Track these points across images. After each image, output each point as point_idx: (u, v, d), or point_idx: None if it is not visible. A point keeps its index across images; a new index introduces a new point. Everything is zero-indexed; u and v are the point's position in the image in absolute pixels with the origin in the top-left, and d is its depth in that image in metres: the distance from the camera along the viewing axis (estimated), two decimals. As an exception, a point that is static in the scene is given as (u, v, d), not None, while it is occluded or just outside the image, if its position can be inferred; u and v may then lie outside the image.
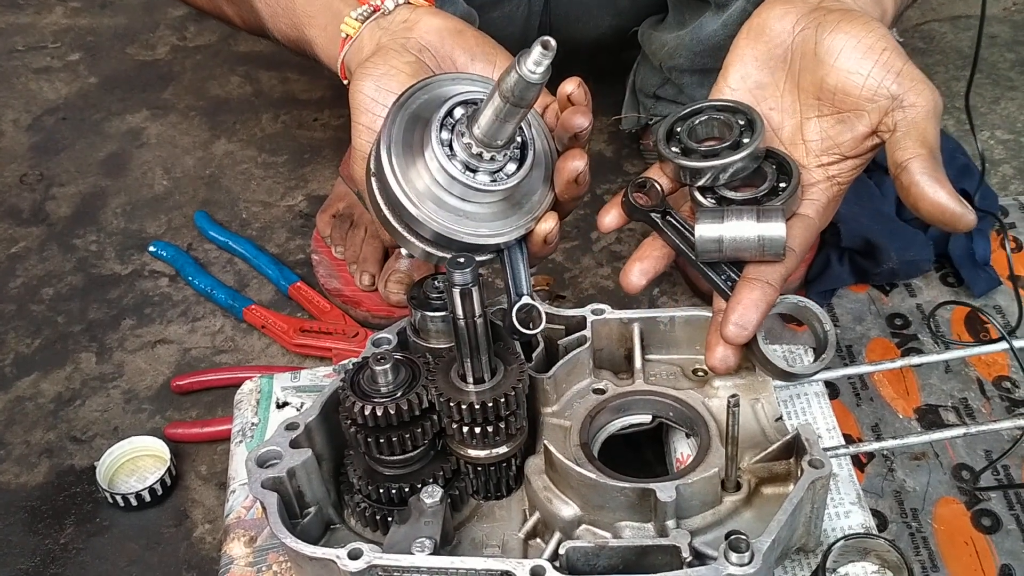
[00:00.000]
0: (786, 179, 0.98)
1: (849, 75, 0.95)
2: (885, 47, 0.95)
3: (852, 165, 0.99)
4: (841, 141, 0.98)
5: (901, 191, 0.93)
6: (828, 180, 1.00)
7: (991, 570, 1.17)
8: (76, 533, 1.30)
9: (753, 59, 1.02)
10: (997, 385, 1.37)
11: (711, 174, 0.98)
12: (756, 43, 1.02)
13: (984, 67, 1.98)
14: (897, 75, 0.94)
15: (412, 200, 0.93)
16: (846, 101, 0.97)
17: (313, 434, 0.99)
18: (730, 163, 0.97)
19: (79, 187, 1.89)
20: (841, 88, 0.96)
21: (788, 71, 1.00)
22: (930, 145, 0.92)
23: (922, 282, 1.53)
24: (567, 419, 1.04)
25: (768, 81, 1.02)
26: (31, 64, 2.24)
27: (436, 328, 1.02)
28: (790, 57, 1.00)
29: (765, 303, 0.94)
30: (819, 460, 0.93)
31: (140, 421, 1.44)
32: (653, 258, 1.02)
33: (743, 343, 0.94)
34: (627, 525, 0.94)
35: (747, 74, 1.02)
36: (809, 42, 0.98)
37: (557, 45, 0.82)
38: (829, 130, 0.99)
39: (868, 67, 0.95)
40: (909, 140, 0.93)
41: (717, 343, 0.95)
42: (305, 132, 1.98)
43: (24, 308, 1.64)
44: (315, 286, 1.61)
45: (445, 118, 0.94)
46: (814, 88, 0.98)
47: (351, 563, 0.88)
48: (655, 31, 1.57)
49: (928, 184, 0.91)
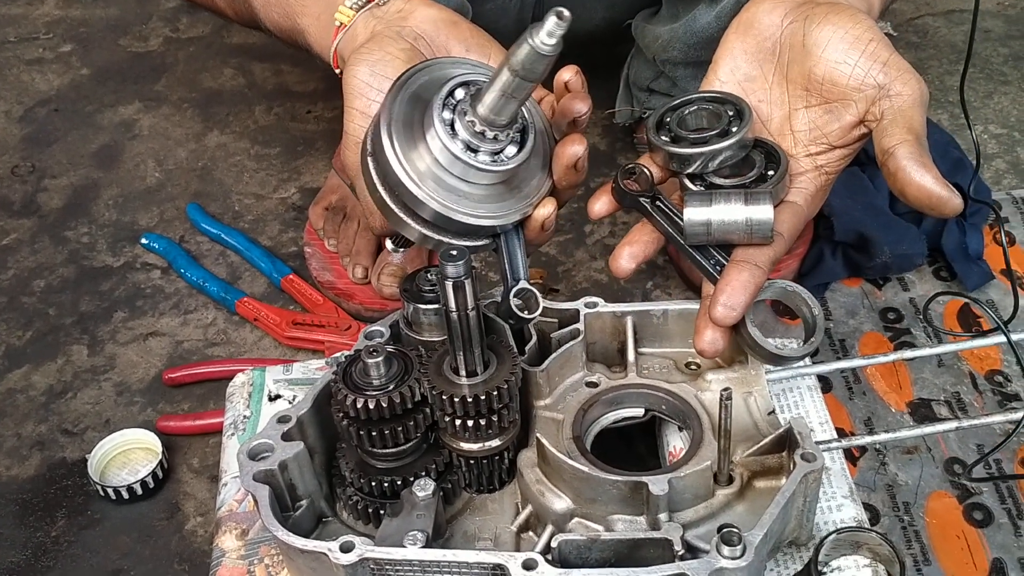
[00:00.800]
0: (774, 167, 0.98)
1: (836, 65, 0.96)
2: (872, 38, 0.96)
3: (840, 155, 1.00)
4: (829, 131, 0.99)
5: (888, 177, 0.94)
6: (816, 169, 1.01)
7: (983, 563, 1.17)
8: (67, 526, 1.30)
9: (742, 52, 1.03)
10: (989, 379, 1.37)
11: (700, 161, 0.99)
12: (745, 37, 1.03)
13: (977, 61, 1.98)
14: (884, 65, 0.95)
15: (412, 179, 0.93)
16: (833, 91, 0.97)
17: (305, 427, 0.99)
18: (719, 150, 0.98)
19: (71, 179, 1.88)
20: (829, 78, 0.97)
21: (777, 63, 1.01)
22: (916, 132, 0.93)
23: (915, 276, 1.53)
24: (560, 412, 1.04)
25: (757, 74, 1.03)
26: (23, 55, 2.23)
27: (429, 321, 1.02)
28: (778, 50, 1.01)
29: (753, 285, 0.94)
30: (811, 454, 0.93)
31: (132, 414, 1.44)
32: (643, 243, 1.02)
33: (731, 324, 0.94)
34: (619, 518, 0.94)
35: (736, 67, 1.03)
36: (797, 34, 0.99)
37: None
38: (817, 120, 0.99)
39: (855, 57, 0.95)
40: (896, 127, 0.93)
41: (706, 326, 0.95)
42: (298, 124, 1.97)
43: (15, 300, 1.64)
44: (308, 279, 1.61)
45: (447, 97, 0.94)
46: (802, 79, 0.99)
47: (343, 556, 0.88)
48: (648, 24, 1.57)
49: (914, 169, 0.92)
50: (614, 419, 1.06)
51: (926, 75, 1.99)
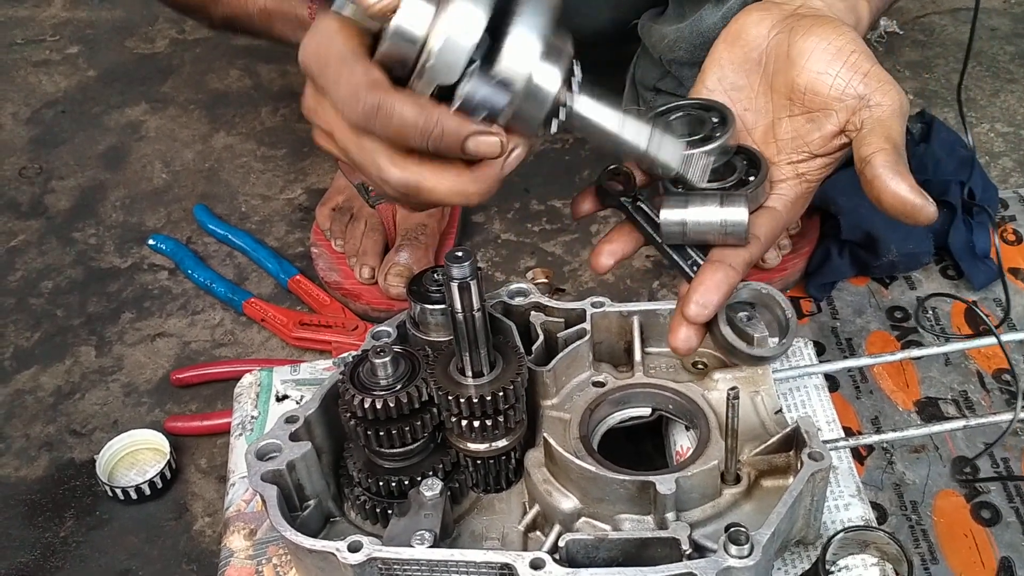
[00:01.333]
0: (755, 172, 1.00)
1: (819, 75, 0.98)
2: (854, 50, 0.97)
3: (821, 164, 1.02)
4: (810, 139, 1.01)
5: (865, 185, 0.96)
6: (797, 177, 1.02)
7: (990, 562, 1.17)
8: (76, 526, 1.30)
9: (730, 62, 1.05)
10: (997, 378, 1.37)
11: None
12: (733, 48, 1.05)
13: (984, 60, 1.98)
14: (864, 76, 0.97)
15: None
16: (815, 101, 0.99)
17: (313, 427, 0.99)
18: (700, 154, 0.99)
19: (78, 180, 1.89)
20: (811, 88, 0.99)
21: (762, 74, 1.03)
22: (894, 141, 0.95)
23: (922, 275, 1.53)
24: (567, 412, 1.04)
25: (744, 83, 1.05)
26: (30, 57, 2.24)
27: (436, 321, 1.02)
28: (764, 60, 1.03)
29: (727, 284, 0.96)
30: (819, 453, 0.93)
31: (140, 414, 1.44)
32: (622, 241, 1.04)
33: (703, 322, 0.96)
34: (627, 518, 0.94)
35: (724, 76, 1.05)
36: (783, 45, 1.01)
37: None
38: (799, 129, 1.01)
39: (837, 68, 0.97)
40: (874, 136, 0.95)
41: (679, 324, 0.97)
42: (305, 126, 1.95)
43: (23, 301, 1.64)
44: (315, 279, 1.61)
45: None
46: (786, 89, 1.01)
47: (351, 556, 0.88)
48: (655, 24, 1.57)
49: (890, 178, 0.93)
50: (621, 419, 1.06)
51: (932, 73, 1.99)
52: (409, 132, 0.82)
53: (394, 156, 0.85)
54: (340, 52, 0.84)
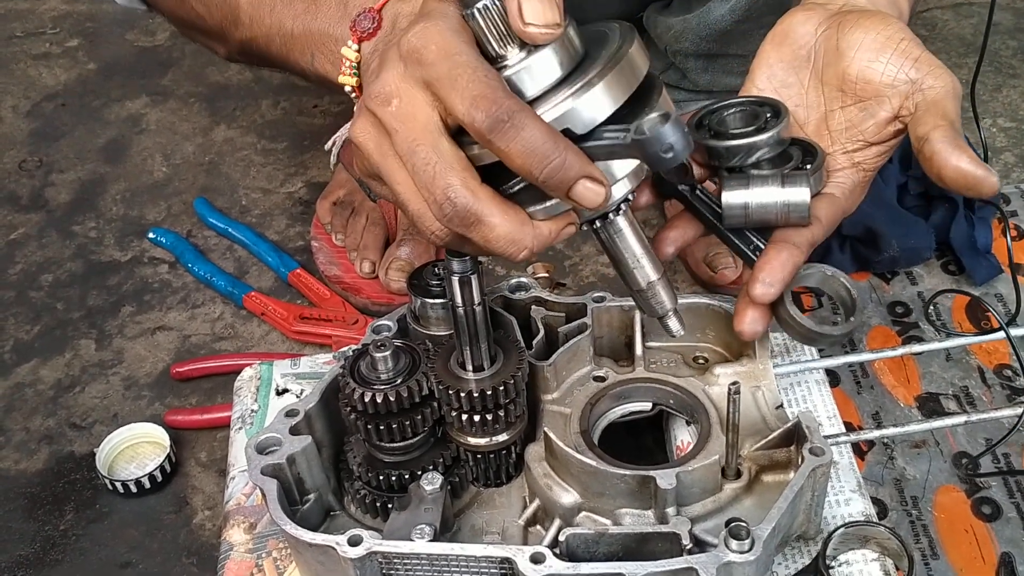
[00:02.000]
0: (811, 160, 1.01)
1: (869, 64, 0.99)
2: (903, 38, 0.98)
3: (877, 152, 1.02)
4: (864, 128, 1.01)
5: (924, 163, 0.96)
6: (854, 167, 1.03)
7: (991, 557, 1.17)
8: (76, 519, 1.30)
9: (778, 61, 1.05)
10: (998, 373, 1.37)
11: (739, 155, 1.00)
12: (781, 47, 1.05)
13: (987, 55, 1.97)
14: (915, 61, 0.97)
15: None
16: (867, 89, 0.99)
17: (313, 421, 0.99)
18: (757, 143, 1.00)
19: (78, 173, 1.88)
20: (862, 77, 0.99)
21: (812, 69, 1.04)
22: (950, 119, 0.95)
23: (923, 270, 1.53)
24: (567, 406, 1.03)
25: (793, 80, 1.05)
26: (30, 50, 2.24)
27: (436, 315, 1.02)
28: (813, 56, 1.04)
29: (792, 263, 0.96)
30: (820, 448, 0.93)
31: (140, 408, 1.44)
32: (682, 228, 1.05)
33: (769, 301, 0.96)
34: (627, 512, 0.94)
35: (773, 75, 1.05)
36: (831, 39, 1.01)
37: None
38: (853, 118, 1.02)
39: (887, 56, 0.98)
40: (929, 116, 0.96)
41: (746, 307, 0.97)
42: (305, 119, 1.97)
43: (23, 295, 1.64)
44: (315, 273, 1.61)
45: None
46: (837, 80, 1.02)
47: (351, 550, 0.88)
48: (660, 15, 1.58)
49: (950, 152, 0.93)
50: (621, 413, 1.06)
51: (934, 68, 1.99)
52: (527, 153, 0.76)
53: (469, 178, 0.79)
54: (469, 50, 0.78)
